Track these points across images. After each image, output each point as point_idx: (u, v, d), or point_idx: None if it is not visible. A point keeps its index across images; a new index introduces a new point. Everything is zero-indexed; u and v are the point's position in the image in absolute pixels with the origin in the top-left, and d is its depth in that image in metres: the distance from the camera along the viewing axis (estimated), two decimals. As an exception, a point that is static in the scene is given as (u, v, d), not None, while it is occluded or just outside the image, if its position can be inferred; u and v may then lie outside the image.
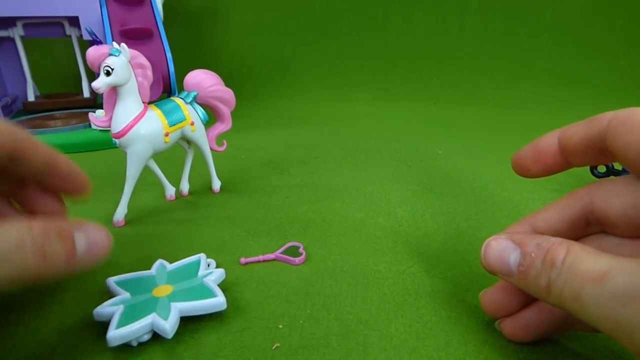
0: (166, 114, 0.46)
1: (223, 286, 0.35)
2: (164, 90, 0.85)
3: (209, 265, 0.36)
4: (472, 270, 0.37)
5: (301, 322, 0.31)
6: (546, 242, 0.22)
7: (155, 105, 0.47)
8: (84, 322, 0.30)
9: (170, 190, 0.53)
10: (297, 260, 0.38)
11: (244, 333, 0.30)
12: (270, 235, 0.44)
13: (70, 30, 0.92)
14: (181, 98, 0.49)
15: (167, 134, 0.46)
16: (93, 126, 0.80)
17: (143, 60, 0.44)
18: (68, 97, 1.03)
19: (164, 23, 0.90)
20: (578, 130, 0.25)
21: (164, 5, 0.95)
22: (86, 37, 0.87)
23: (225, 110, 0.54)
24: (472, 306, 0.33)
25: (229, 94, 0.53)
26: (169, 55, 0.84)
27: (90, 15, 0.86)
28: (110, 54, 0.41)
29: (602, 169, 0.51)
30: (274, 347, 0.29)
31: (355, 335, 0.30)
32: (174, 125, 0.47)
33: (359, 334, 0.30)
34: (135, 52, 0.43)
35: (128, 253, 0.41)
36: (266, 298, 0.34)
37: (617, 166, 0.50)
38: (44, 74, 1.14)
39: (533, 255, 0.22)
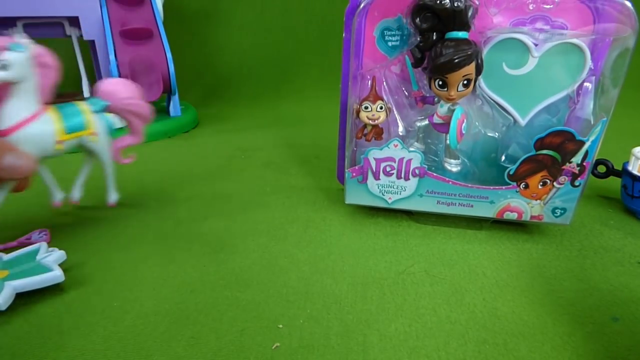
0: (65, 118, 0.42)
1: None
2: (164, 90, 0.85)
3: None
4: (472, 270, 0.38)
5: (301, 322, 0.31)
6: None
7: (57, 108, 0.43)
8: None
9: (58, 196, 0.48)
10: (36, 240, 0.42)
11: (244, 333, 0.30)
12: (270, 235, 0.44)
13: (70, 30, 0.92)
14: (89, 105, 0.45)
15: (60, 141, 0.42)
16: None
17: (49, 59, 0.41)
18: (68, 97, 1.03)
19: (164, 23, 0.90)
20: None
21: (164, 5, 0.95)
22: (87, 37, 0.87)
23: (138, 125, 0.49)
24: (471, 306, 0.33)
25: (144, 108, 0.49)
26: (169, 55, 0.84)
27: (90, 15, 0.86)
28: (9, 49, 0.37)
29: (602, 169, 0.51)
30: (274, 347, 0.29)
31: (355, 335, 0.30)
32: (72, 132, 0.43)
33: (359, 334, 0.30)
34: (41, 51, 0.40)
35: (127, 252, 0.41)
36: (266, 298, 0.34)
37: (617, 166, 0.50)
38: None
39: None
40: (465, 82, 0.37)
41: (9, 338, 0.30)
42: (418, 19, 0.36)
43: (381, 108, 0.41)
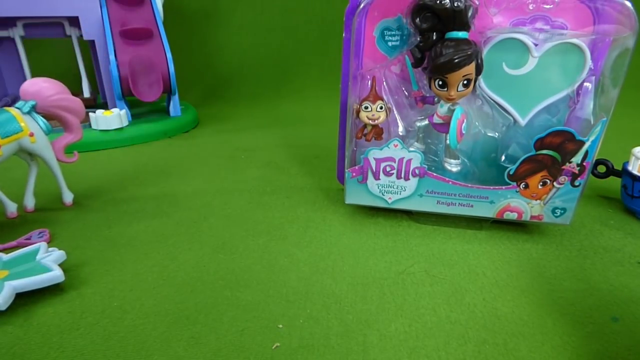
0: None
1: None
2: (164, 90, 0.85)
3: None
4: (472, 270, 0.38)
5: (301, 322, 0.31)
6: None
7: None
8: None
9: (11, 207, 0.48)
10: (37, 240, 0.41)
11: (244, 333, 0.30)
12: (270, 235, 0.44)
13: (70, 30, 0.92)
14: (17, 108, 0.45)
15: None
16: (93, 126, 0.80)
17: None
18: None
19: (164, 23, 0.90)
20: None
21: (164, 5, 0.95)
22: (87, 37, 0.87)
23: (74, 120, 0.49)
24: (471, 306, 0.33)
25: (75, 102, 0.49)
26: (169, 55, 0.84)
27: (90, 15, 0.86)
28: None
29: (602, 169, 0.51)
30: (274, 347, 0.29)
31: (355, 335, 0.30)
32: (8, 137, 0.43)
33: (359, 334, 0.30)
34: None
35: (127, 252, 0.41)
36: (266, 298, 0.34)
37: (617, 166, 0.50)
38: (44, 74, 1.14)
39: None
40: (465, 82, 0.37)
41: (9, 338, 0.30)
42: (418, 19, 0.36)
43: (381, 108, 0.41)
